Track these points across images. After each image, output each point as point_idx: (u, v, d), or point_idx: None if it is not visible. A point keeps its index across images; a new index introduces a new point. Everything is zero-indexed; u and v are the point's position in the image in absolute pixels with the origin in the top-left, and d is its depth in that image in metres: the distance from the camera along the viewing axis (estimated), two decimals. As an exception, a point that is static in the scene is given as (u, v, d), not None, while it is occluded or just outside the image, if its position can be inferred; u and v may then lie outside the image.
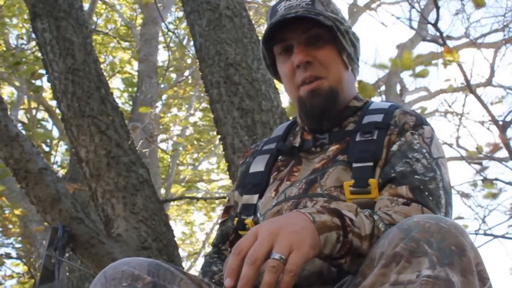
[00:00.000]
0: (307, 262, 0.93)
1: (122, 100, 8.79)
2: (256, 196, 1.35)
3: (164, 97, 8.67)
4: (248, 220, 1.33)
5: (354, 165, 1.22)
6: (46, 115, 7.75)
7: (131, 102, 7.69)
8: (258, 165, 1.40)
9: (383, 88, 7.35)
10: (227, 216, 1.48)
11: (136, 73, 7.14)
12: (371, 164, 1.21)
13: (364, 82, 3.28)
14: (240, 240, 0.94)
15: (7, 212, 6.33)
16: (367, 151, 1.22)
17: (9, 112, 2.72)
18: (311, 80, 1.28)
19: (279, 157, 1.38)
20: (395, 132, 1.25)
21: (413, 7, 4.98)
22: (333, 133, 1.31)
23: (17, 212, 5.44)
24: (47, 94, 7.32)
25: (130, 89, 8.24)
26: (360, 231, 1.01)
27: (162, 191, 7.75)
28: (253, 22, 2.93)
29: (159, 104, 8.15)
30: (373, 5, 8.64)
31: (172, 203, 9.31)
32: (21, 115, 8.15)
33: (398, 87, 7.79)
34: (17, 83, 7.12)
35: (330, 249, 0.97)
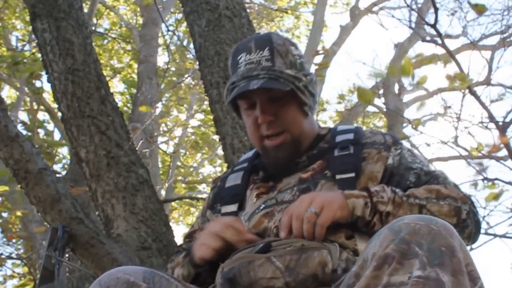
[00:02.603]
0: (335, 220, 1.20)
1: (122, 101, 8.80)
2: (235, 205, 1.43)
3: (164, 99, 8.67)
4: None
5: (337, 176, 1.34)
6: (47, 116, 7.75)
7: (129, 105, 7.69)
8: (233, 181, 1.50)
9: (381, 91, 7.35)
10: (190, 239, 1.54)
11: (136, 75, 7.14)
12: (353, 175, 1.34)
13: (362, 88, 3.28)
14: (289, 206, 1.24)
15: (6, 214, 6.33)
16: (347, 163, 1.36)
17: (9, 113, 2.72)
18: (275, 136, 1.40)
19: (253, 174, 1.48)
20: (382, 149, 1.40)
21: (412, 9, 4.99)
22: (310, 156, 1.43)
23: (18, 213, 5.44)
24: (49, 94, 7.32)
25: (129, 90, 8.24)
26: (384, 198, 1.24)
27: (163, 192, 7.75)
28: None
29: (159, 104, 8.16)
30: (374, 9, 8.68)
31: (174, 204, 9.31)
32: (25, 118, 8.15)
33: (396, 87, 7.80)
34: (17, 84, 7.12)
35: (361, 212, 1.23)
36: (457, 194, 1.30)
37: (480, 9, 3.46)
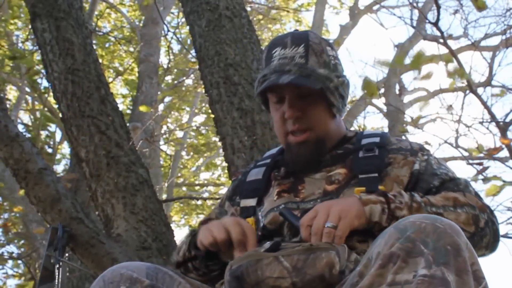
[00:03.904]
0: (353, 229, 1.19)
1: (125, 103, 8.80)
2: (254, 200, 1.42)
3: (166, 99, 8.67)
4: (250, 219, 1.39)
5: (361, 176, 1.33)
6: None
7: (131, 107, 7.68)
8: (255, 175, 1.49)
9: (382, 90, 7.34)
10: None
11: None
12: (376, 175, 1.33)
13: (368, 79, 3.27)
14: (304, 216, 1.23)
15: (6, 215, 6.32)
16: (371, 164, 1.34)
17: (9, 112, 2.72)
18: (299, 132, 1.40)
19: (275, 170, 1.47)
20: (408, 154, 1.39)
21: (414, 6, 4.99)
22: (333, 156, 1.41)
23: (16, 209, 5.43)
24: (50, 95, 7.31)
25: (132, 93, 8.22)
26: (402, 204, 1.22)
27: (164, 196, 7.75)
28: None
29: (161, 106, 8.16)
30: (374, 8, 8.68)
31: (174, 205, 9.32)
32: (25, 118, 8.15)
33: (397, 88, 7.80)
34: (18, 83, 7.13)
35: (378, 218, 1.21)
36: (475, 202, 1.27)
37: (480, 5, 3.45)
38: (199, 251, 1.32)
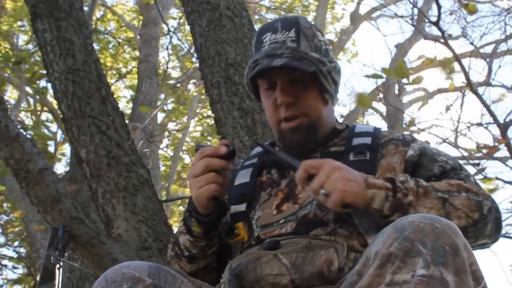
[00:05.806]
0: (344, 201, 1.14)
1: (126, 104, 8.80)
2: (244, 205, 1.37)
3: (167, 101, 8.67)
4: (239, 224, 1.33)
5: None
6: (50, 117, 7.73)
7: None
8: (242, 178, 1.43)
9: (381, 95, 7.35)
10: None
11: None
12: None
13: (361, 93, 3.32)
14: (308, 161, 1.21)
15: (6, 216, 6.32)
16: (361, 169, 1.26)
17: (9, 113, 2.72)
18: (292, 118, 1.36)
19: (264, 171, 1.42)
20: (400, 144, 1.35)
21: (415, 6, 5.02)
22: (324, 154, 1.37)
23: (16, 214, 5.44)
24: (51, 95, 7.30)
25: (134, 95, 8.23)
26: (407, 189, 1.18)
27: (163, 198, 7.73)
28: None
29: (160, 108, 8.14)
30: (374, 15, 8.75)
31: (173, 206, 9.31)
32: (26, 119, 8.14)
33: (396, 88, 7.81)
34: (18, 83, 7.13)
35: (379, 205, 1.16)
36: (478, 190, 1.24)
37: (471, 9, 3.46)
38: (210, 216, 1.29)
